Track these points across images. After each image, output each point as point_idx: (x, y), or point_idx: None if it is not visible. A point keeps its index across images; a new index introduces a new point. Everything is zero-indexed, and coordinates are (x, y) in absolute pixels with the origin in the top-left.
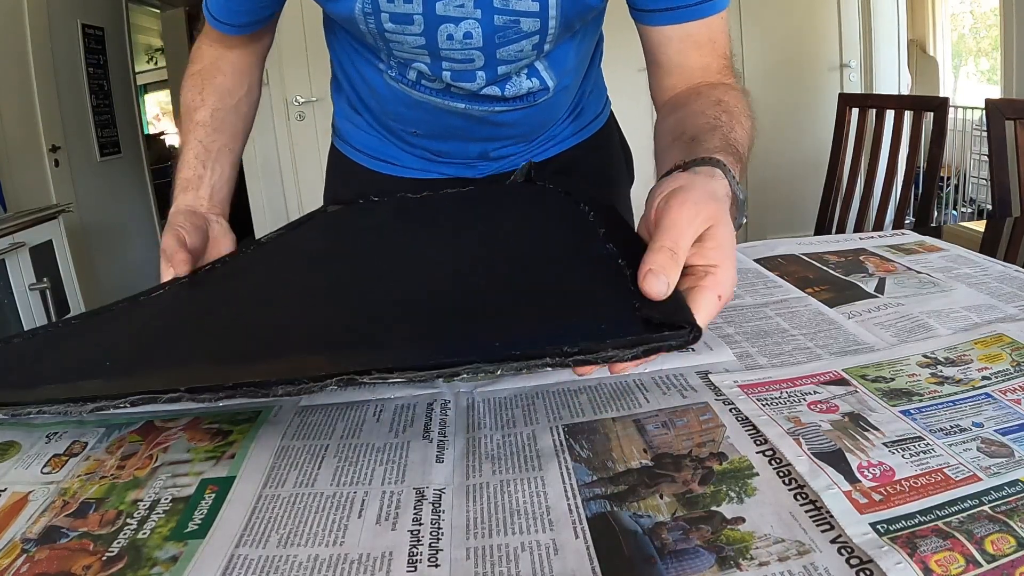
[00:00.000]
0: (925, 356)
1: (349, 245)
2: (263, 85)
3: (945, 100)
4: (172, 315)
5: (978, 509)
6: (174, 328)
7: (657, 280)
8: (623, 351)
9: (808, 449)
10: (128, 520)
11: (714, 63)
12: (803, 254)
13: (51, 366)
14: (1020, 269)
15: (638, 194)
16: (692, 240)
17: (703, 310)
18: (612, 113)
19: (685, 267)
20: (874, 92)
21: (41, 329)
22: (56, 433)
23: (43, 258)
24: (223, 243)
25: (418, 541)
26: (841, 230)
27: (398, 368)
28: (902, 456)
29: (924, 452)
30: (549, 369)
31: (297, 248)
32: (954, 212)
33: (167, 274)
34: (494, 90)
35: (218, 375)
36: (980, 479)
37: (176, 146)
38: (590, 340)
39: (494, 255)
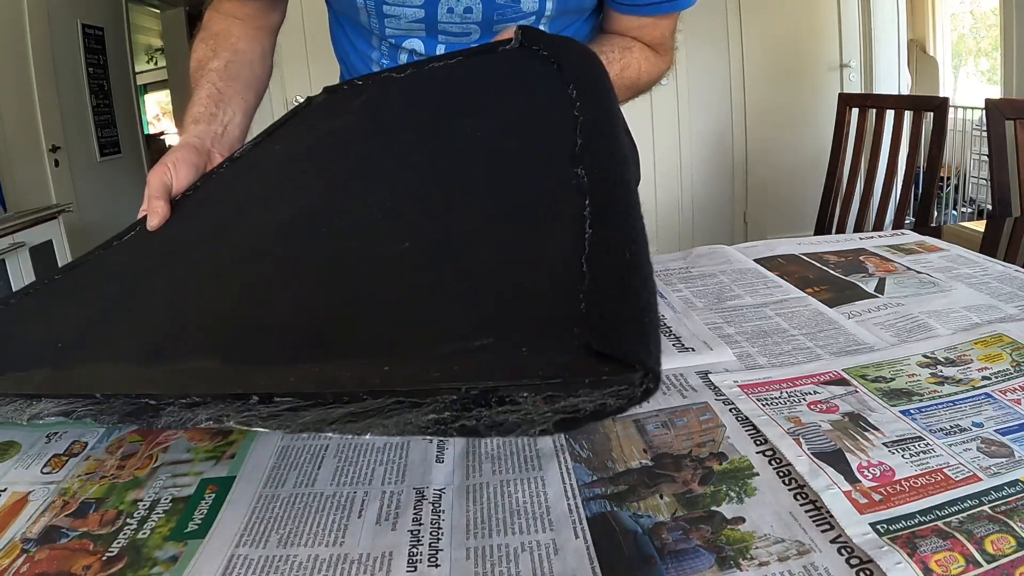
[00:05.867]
0: (925, 356)
1: (305, 177)
2: None
3: (945, 100)
4: (122, 279)
5: (978, 509)
6: (116, 303)
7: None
8: (535, 412)
9: (808, 449)
10: (128, 520)
11: (646, 40)
12: (803, 254)
13: (16, 344)
14: (1020, 269)
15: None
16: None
17: None
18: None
19: None
20: (874, 92)
21: (31, 288)
22: (56, 433)
23: (43, 258)
24: None
25: (418, 541)
26: (841, 230)
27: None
28: (902, 456)
29: (924, 452)
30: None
31: (263, 176)
32: (954, 212)
33: (143, 214)
34: None
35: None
36: (980, 479)
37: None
38: (501, 373)
39: (445, 193)
